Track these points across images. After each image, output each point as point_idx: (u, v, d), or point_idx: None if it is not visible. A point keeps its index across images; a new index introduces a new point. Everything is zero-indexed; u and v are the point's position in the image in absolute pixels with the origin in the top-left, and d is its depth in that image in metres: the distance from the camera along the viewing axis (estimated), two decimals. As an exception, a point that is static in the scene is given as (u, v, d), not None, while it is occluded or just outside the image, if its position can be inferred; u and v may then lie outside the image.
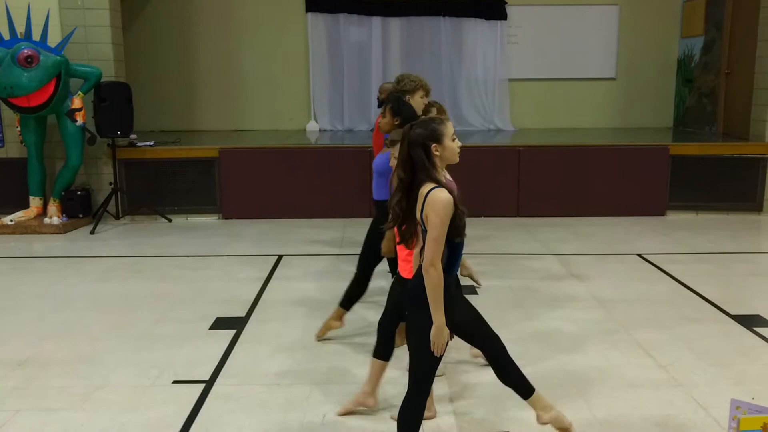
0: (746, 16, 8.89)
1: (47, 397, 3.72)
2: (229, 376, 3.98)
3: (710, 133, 9.76)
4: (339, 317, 4.48)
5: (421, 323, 2.69)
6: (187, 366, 4.10)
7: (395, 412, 3.49)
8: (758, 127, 8.41)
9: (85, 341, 4.50)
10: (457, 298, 2.89)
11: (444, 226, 2.61)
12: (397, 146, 3.25)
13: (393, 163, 3.33)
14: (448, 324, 2.70)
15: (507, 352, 3.12)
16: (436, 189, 2.64)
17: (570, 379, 3.89)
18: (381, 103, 4.70)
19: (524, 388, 3.12)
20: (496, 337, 3.13)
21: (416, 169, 2.69)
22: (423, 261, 2.65)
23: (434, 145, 2.70)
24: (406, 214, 2.74)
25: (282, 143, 8.82)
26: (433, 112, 4.85)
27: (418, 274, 2.71)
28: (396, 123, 4.06)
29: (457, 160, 2.77)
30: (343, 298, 4.48)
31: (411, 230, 2.77)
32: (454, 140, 2.76)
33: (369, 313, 4.93)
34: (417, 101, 4.51)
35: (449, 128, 2.75)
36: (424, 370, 2.80)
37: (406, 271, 3.25)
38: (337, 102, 10.73)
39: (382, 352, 3.53)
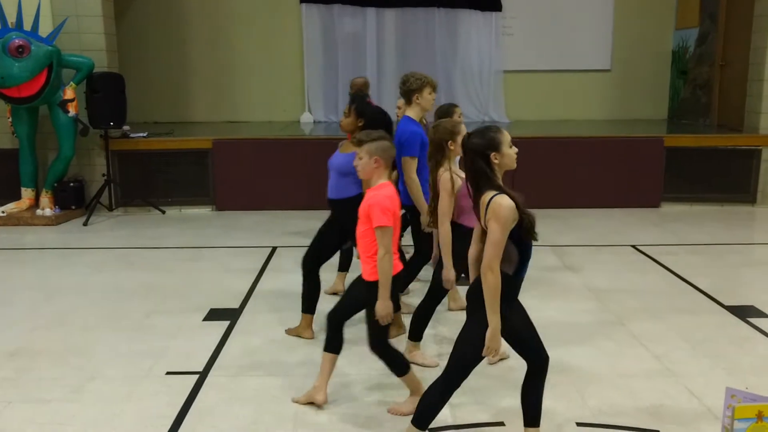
0: (740, 7, 8.88)
1: (39, 388, 3.69)
2: (222, 367, 3.96)
3: (704, 124, 9.76)
4: (308, 325, 4.40)
5: (480, 321, 2.71)
6: (181, 357, 4.08)
7: (391, 404, 3.49)
8: (752, 119, 8.41)
9: (77, 332, 4.48)
10: (516, 303, 2.89)
11: (504, 231, 2.63)
12: (364, 146, 3.24)
13: (357, 163, 3.32)
14: (505, 327, 2.72)
15: (545, 377, 3.02)
16: (497, 196, 2.66)
17: (564, 370, 3.89)
18: (353, 99, 4.70)
19: (535, 416, 3.01)
20: (547, 358, 3.01)
21: (477, 177, 2.73)
22: (482, 265, 2.67)
23: (493, 153, 2.73)
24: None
25: (276, 135, 8.78)
26: (457, 113, 4.82)
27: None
28: (360, 124, 4.07)
29: (514, 166, 2.80)
30: (303, 304, 4.39)
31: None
32: (511, 147, 2.78)
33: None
34: (426, 98, 4.48)
35: (506, 136, 2.79)
36: (462, 364, 2.83)
37: (367, 272, 3.30)
38: (332, 93, 10.69)
39: (333, 345, 3.49)
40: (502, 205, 2.63)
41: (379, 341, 3.34)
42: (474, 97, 10.75)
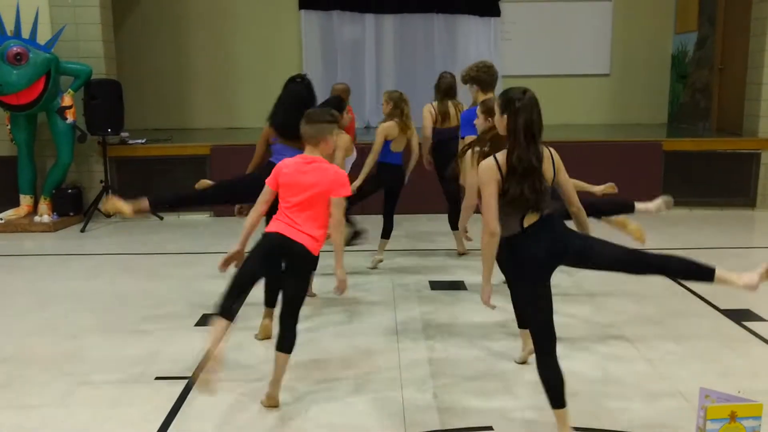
0: (739, 11, 8.86)
1: (29, 393, 3.69)
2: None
3: (704, 128, 9.74)
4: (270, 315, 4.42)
5: (516, 284, 3.18)
6: (171, 362, 4.07)
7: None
8: (751, 123, 8.38)
9: (68, 338, 4.48)
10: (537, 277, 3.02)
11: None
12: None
13: None
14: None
15: (548, 355, 3.08)
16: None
17: (555, 374, 3.86)
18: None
19: (550, 396, 3.06)
20: (548, 338, 3.11)
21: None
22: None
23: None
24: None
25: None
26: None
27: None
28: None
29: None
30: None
31: None
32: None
33: (354, 307, 4.93)
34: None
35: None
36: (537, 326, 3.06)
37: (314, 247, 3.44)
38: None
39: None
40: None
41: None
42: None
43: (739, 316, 4.75)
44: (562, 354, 4.10)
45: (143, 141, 8.44)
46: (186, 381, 3.79)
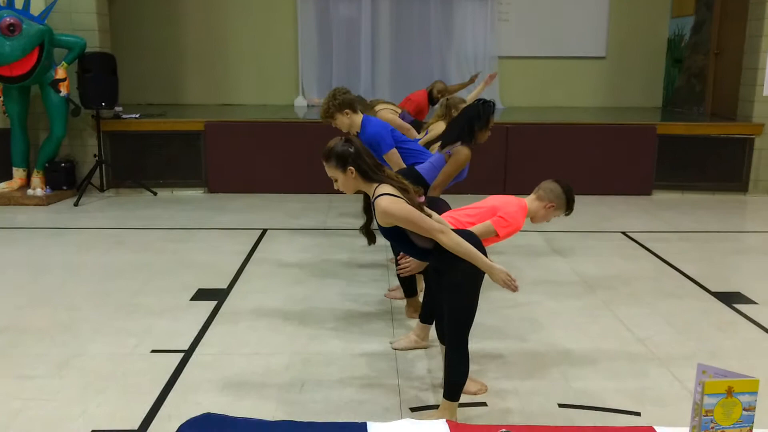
0: (736, -5, 8.86)
1: (24, 364, 3.69)
2: (208, 345, 3.97)
3: (698, 113, 9.76)
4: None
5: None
6: (166, 336, 4.08)
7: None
8: (745, 108, 8.41)
9: (63, 310, 4.48)
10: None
11: None
12: None
13: None
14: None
15: (452, 351, 3.09)
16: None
17: (548, 352, 3.91)
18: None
19: (445, 388, 3.10)
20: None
21: None
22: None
23: None
24: None
25: (269, 118, 8.76)
26: None
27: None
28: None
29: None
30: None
31: None
32: None
33: (354, 289, 4.96)
34: None
35: None
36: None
37: None
38: (326, 77, 10.64)
39: None
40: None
41: None
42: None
43: (730, 299, 4.80)
44: (554, 333, 4.17)
45: (137, 116, 8.39)
46: (182, 355, 3.80)
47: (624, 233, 6.53)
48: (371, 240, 3.43)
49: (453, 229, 2.99)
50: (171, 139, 8.21)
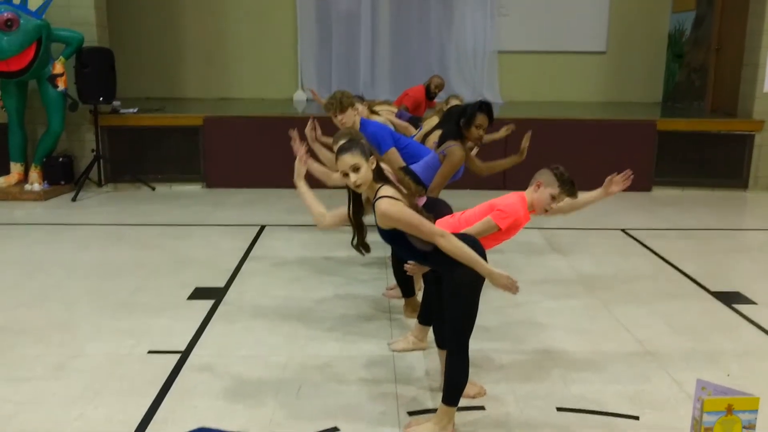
0: (738, -10, 8.82)
1: (20, 365, 3.67)
2: (205, 346, 3.95)
3: (698, 108, 9.73)
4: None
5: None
6: (164, 336, 4.07)
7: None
8: (746, 104, 8.38)
9: (60, 309, 4.46)
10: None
11: None
12: None
13: None
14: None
15: (452, 355, 3.05)
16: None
17: (547, 354, 3.89)
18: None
19: (444, 392, 3.06)
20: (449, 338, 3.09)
21: None
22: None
23: None
24: None
25: (267, 112, 8.73)
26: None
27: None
28: None
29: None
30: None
31: None
32: None
33: (352, 288, 4.94)
34: None
35: None
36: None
37: None
38: (325, 71, 10.62)
39: None
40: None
41: None
42: (468, 77, 10.70)
43: (729, 299, 4.78)
44: (553, 334, 4.15)
45: (135, 110, 8.36)
46: (179, 355, 3.79)
47: (623, 230, 6.51)
48: (366, 251, 3.39)
49: (453, 233, 2.96)
50: (169, 134, 8.18)
